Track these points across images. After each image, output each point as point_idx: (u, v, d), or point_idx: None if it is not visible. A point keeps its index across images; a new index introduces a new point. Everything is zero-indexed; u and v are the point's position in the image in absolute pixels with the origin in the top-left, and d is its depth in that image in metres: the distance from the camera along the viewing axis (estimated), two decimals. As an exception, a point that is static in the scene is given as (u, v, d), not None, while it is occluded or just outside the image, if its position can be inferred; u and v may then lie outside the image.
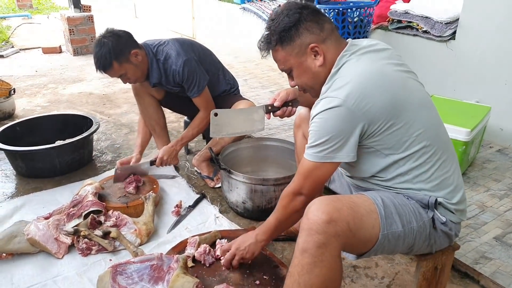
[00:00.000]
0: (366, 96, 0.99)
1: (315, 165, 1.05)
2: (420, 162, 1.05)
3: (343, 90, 1.00)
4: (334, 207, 0.94)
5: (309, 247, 0.92)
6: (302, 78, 1.13)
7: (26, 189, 1.99)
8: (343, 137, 1.01)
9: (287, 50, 1.10)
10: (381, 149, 1.05)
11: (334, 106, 0.99)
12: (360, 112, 0.99)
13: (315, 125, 1.04)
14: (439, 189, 1.07)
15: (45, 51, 4.80)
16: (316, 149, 1.04)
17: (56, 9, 8.52)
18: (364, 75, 1.01)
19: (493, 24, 2.35)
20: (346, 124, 1.00)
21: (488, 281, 1.38)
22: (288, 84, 1.29)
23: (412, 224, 1.03)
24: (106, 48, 1.74)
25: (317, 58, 1.09)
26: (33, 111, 3.02)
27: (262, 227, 1.24)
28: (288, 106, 1.32)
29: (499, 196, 1.90)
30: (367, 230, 0.97)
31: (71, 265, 1.47)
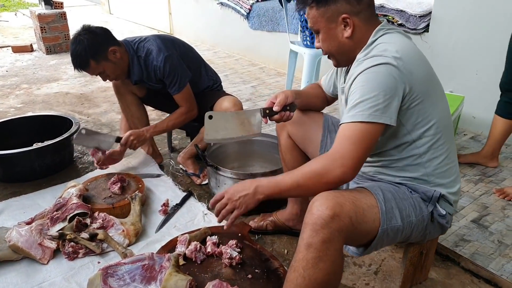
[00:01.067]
0: (410, 60, 1.00)
1: (361, 126, 0.97)
2: (435, 146, 1.07)
3: (389, 51, 1.00)
4: (337, 202, 0.94)
5: (314, 241, 0.92)
6: (326, 43, 1.13)
7: (4, 194, 1.92)
8: (390, 96, 0.97)
9: (320, 11, 1.08)
10: (406, 123, 1.04)
11: (383, 62, 0.98)
12: (406, 75, 0.99)
13: (360, 81, 1.00)
14: (444, 176, 1.10)
15: (15, 50, 4.60)
16: (360, 107, 0.98)
17: (24, 5, 8.17)
18: (407, 46, 1.03)
19: (465, 16, 2.44)
20: (394, 82, 0.97)
21: (468, 262, 1.46)
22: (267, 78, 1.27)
23: (411, 217, 1.05)
24: (82, 46, 1.69)
25: (346, 29, 1.08)
26: (6, 113, 2.90)
27: (268, 181, 1.07)
28: (286, 110, 1.27)
29: (474, 181, 1.99)
30: (368, 224, 0.99)
31: (58, 270, 1.43)
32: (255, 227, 1.62)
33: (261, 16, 3.94)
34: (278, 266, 1.35)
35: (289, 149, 1.46)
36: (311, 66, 2.66)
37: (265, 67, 4.03)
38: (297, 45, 2.81)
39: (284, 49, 3.31)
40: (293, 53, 2.94)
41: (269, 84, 3.52)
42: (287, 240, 1.61)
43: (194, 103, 1.93)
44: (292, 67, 3.00)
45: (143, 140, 1.90)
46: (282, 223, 1.61)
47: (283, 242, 1.60)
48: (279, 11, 3.72)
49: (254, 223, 1.63)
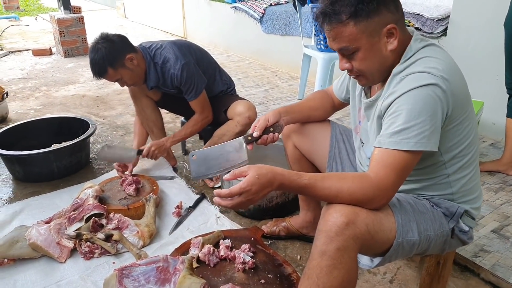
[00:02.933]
0: (454, 81, 0.92)
1: (408, 155, 0.90)
2: (465, 166, 1.02)
3: (437, 70, 0.91)
4: (352, 209, 0.91)
5: (328, 249, 0.89)
6: (366, 62, 0.98)
7: (24, 193, 1.97)
8: (436, 121, 0.90)
9: (361, 27, 0.93)
10: (441, 145, 0.96)
11: (431, 83, 0.89)
12: (451, 95, 0.91)
13: (404, 103, 0.90)
14: (469, 193, 1.06)
15: (35, 53, 4.73)
16: (406, 133, 0.90)
17: (43, 10, 8.39)
18: (450, 62, 0.95)
19: (483, 19, 2.39)
20: (439, 106, 0.89)
21: (488, 273, 1.42)
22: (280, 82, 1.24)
23: (429, 232, 1.01)
24: (100, 54, 1.73)
25: (390, 41, 0.96)
26: (27, 115, 2.98)
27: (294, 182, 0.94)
28: (269, 132, 1.23)
29: (495, 189, 1.94)
30: (384, 233, 0.95)
31: (74, 269, 1.46)
32: (268, 232, 1.61)
33: (275, 20, 3.95)
34: (291, 272, 1.34)
35: (296, 159, 1.44)
36: (325, 70, 2.65)
37: (278, 71, 4.04)
38: (310, 49, 2.80)
39: (297, 53, 3.30)
40: (306, 57, 2.93)
41: (281, 88, 3.52)
42: (300, 246, 1.60)
43: (209, 109, 1.96)
44: (305, 71, 3.00)
45: (163, 150, 1.96)
46: (296, 230, 1.60)
47: (296, 247, 1.59)
48: (292, 15, 3.73)
49: (267, 228, 1.62)
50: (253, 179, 0.92)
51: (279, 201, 1.73)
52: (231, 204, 0.95)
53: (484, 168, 2.08)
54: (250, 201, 0.95)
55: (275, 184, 0.94)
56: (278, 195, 1.71)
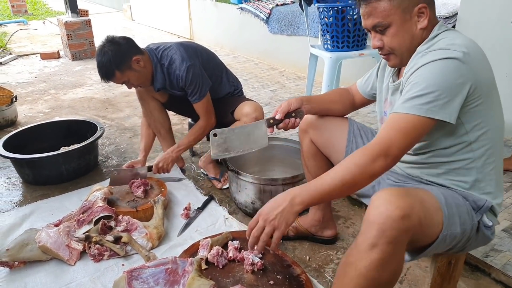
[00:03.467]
0: (477, 58, 0.95)
1: (416, 119, 0.93)
2: (490, 152, 1.02)
3: (459, 46, 0.94)
4: (407, 201, 0.88)
5: (380, 242, 0.86)
6: (397, 38, 1.03)
7: (34, 196, 1.99)
8: (454, 93, 0.92)
9: (395, 3, 0.99)
10: (465, 123, 0.98)
11: (452, 57, 0.92)
12: (474, 71, 0.93)
13: (423, 73, 0.94)
14: (493, 185, 1.05)
15: (43, 56, 4.79)
16: (420, 100, 0.92)
17: (51, 14, 8.49)
18: (472, 42, 0.97)
19: (492, 17, 2.36)
20: (460, 79, 0.92)
21: (499, 273, 1.40)
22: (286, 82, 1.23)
23: (466, 225, 1.00)
24: (106, 58, 1.74)
25: (421, 20, 1.01)
26: (35, 118, 3.02)
27: (304, 188, 0.98)
28: (291, 117, 1.26)
29: (505, 188, 1.91)
30: (433, 228, 0.95)
31: (84, 271, 1.47)
32: (276, 233, 1.60)
33: (281, 20, 3.94)
34: (300, 273, 1.34)
35: (312, 155, 1.43)
36: (332, 70, 2.63)
37: (285, 71, 4.03)
38: (317, 48, 2.79)
39: (304, 53, 3.29)
40: (313, 57, 2.92)
41: (288, 88, 3.52)
42: (309, 247, 1.59)
43: (212, 113, 1.95)
44: (312, 71, 2.98)
45: (171, 162, 1.96)
46: (305, 229, 1.59)
47: (305, 248, 1.59)
48: (298, 15, 3.72)
49: (276, 229, 1.61)
50: (265, 205, 1.00)
51: (287, 202, 1.72)
52: (256, 235, 0.98)
53: None
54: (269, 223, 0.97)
55: (287, 199, 0.97)
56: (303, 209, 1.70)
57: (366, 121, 2.67)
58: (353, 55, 2.61)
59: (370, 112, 2.81)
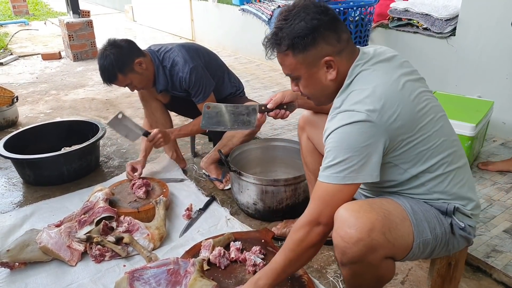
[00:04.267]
0: (387, 110, 0.93)
1: (335, 188, 0.95)
2: (437, 173, 1.02)
3: (363, 103, 0.93)
4: (368, 220, 0.91)
5: (345, 262, 0.94)
6: (308, 89, 1.07)
7: (35, 197, 1.99)
8: (366, 155, 0.93)
9: (299, 58, 1.01)
10: (400, 164, 1.00)
11: (356, 120, 0.92)
12: (383, 127, 0.93)
13: (332, 141, 0.96)
14: (456, 198, 1.05)
15: (44, 57, 4.79)
16: (335, 169, 0.95)
17: (52, 14, 8.51)
18: (383, 88, 0.95)
19: (492, 19, 2.36)
20: (369, 139, 0.92)
21: (500, 274, 1.40)
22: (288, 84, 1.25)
23: (436, 230, 1.01)
24: (109, 61, 1.74)
25: (330, 72, 1.02)
26: (36, 118, 3.02)
27: (265, 270, 1.07)
28: (283, 108, 1.30)
29: (506, 189, 1.91)
30: (403, 238, 0.96)
31: (85, 272, 1.47)
32: (278, 234, 1.61)
33: (282, 22, 3.94)
34: (302, 274, 1.34)
35: (309, 151, 1.47)
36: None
37: (286, 72, 4.03)
38: (318, 50, 2.80)
39: (305, 54, 3.30)
40: (314, 58, 2.93)
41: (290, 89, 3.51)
42: (311, 248, 1.59)
43: None
44: (313, 72, 2.99)
45: (167, 140, 1.94)
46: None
47: (306, 249, 1.58)
48: (300, 16, 3.72)
49: (277, 230, 1.62)
50: None
51: (289, 202, 1.72)
52: None
53: (495, 168, 2.06)
54: None
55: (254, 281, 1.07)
56: (288, 196, 1.70)
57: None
58: (354, 57, 2.61)
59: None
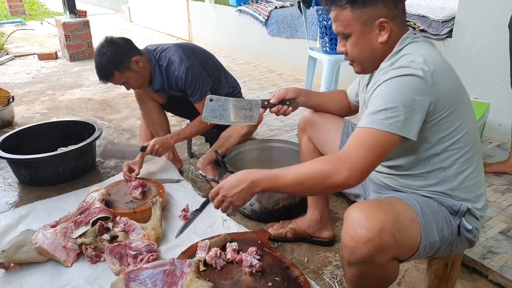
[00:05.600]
0: (438, 74, 0.95)
1: (379, 133, 0.92)
2: (462, 160, 1.02)
3: (417, 63, 0.95)
4: (378, 220, 0.91)
5: (353, 262, 0.94)
6: (356, 48, 1.05)
7: (30, 197, 1.98)
8: (412, 109, 0.92)
9: (356, 14, 1.01)
10: (430, 137, 1.00)
11: (412, 74, 0.93)
12: (434, 88, 0.94)
13: (384, 89, 0.96)
14: (470, 191, 1.06)
15: (41, 57, 4.77)
16: (381, 115, 0.93)
17: (49, 14, 8.47)
18: (434, 58, 0.98)
19: (489, 21, 2.38)
20: (419, 95, 0.93)
21: (496, 275, 1.40)
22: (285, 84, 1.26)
23: (444, 231, 1.01)
24: (105, 58, 1.73)
25: (382, 34, 1.02)
26: (32, 118, 3.00)
27: (265, 174, 1.01)
28: (285, 104, 1.30)
29: (502, 191, 1.92)
30: (411, 240, 0.96)
31: (81, 273, 1.46)
32: (274, 235, 1.61)
33: (280, 23, 3.95)
34: (298, 275, 1.34)
35: (309, 152, 1.46)
36: (331, 72, 2.64)
37: (283, 73, 4.04)
38: (316, 51, 2.80)
39: (302, 56, 3.30)
40: (312, 59, 2.93)
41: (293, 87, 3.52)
42: (307, 248, 1.59)
43: None
44: (310, 73, 2.99)
45: (167, 147, 1.94)
46: (302, 230, 1.59)
47: (303, 250, 1.58)
48: (297, 17, 3.73)
49: (274, 231, 1.62)
50: (227, 178, 1.06)
51: (285, 203, 1.72)
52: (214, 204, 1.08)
53: (491, 170, 2.06)
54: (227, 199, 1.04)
55: (248, 181, 1.01)
56: (285, 197, 1.70)
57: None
58: (351, 58, 2.62)
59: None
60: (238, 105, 1.28)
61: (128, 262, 1.44)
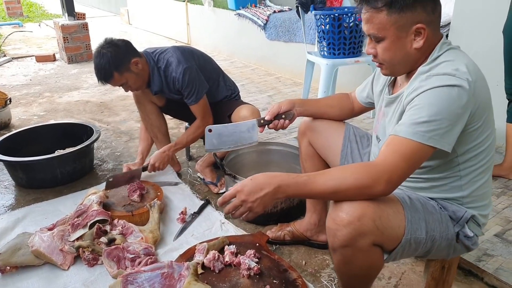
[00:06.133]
0: (478, 84, 0.94)
1: (418, 146, 0.91)
2: (479, 171, 1.02)
3: (462, 73, 0.92)
4: (358, 206, 0.92)
5: (336, 246, 0.96)
6: (389, 53, 1.01)
7: (27, 200, 1.97)
8: (454, 122, 0.91)
9: (392, 18, 0.96)
10: (457, 147, 0.98)
11: (457, 84, 0.91)
12: (475, 98, 0.93)
13: (428, 97, 0.92)
14: (479, 200, 1.06)
15: (38, 59, 4.76)
16: (424, 126, 0.91)
17: (47, 16, 8.47)
18: (474, 67, 0.96)
19: (484, 27, 2.41)
20: (463, 108, 0.91)
21: (491, 277, 1.41)
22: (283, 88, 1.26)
23: (434, 232, 1.02)
24: (105, 59, 1.74)
25: (417, 40, 0.98)
26: (30, 121, 2.99)
27: (292, 179, 0.95)
28: (281, 118, 1.31)
29: (497, 194, 1.94)
30: (393, 230, 0.96)
31: (78, 276, 1.46)
32: (272, 237, 1.61)
33: (278, 27, 3.98)
34: (296, 277, 1.34)
35: (309, 156, 1.46)
36: (328, 76, 2.66)
37: (281, 77, 4.06)
38: (314, 55, 2.82)
39: (300, 59, 3.32)
40: (310, 63, 2.95)
41: (285, 93, 3.54)
42: (305, 251, 1.59)
43: (209, 115, 1.96)
44: (308, 77, 3.01)
45: (167, 161, 1.97)
46: (300, 233, 1.60)
47: (301, 253, 1.59)
48: (296, 21, 3.75)
49: (272, 233, 1.62)
50: (246, 181, 0.96)
51: (283, 206, 1.73)
52: (228, 209, 0.97)
53: None
54: (246, 204, 0.95)
55: (273, 185, 0.94)
56: (283, 200, 1.71)
57: (362, 126, 2.69)
58: (349, 62, 2.64)
59: (366, 118, 2.84)
60: (237, 129, 1.32)
61: (126, 265, 1.44)
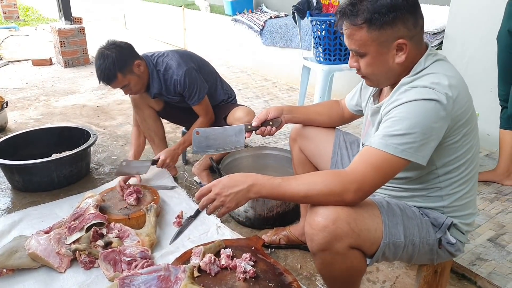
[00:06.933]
0: (459, 101, 0.93)
1: (391, 158, 0.92)
2: (460, 182, 1.03)
3: (442, 86, 0.92)
4: (333, 210, 0.93)
5: (315, 250, 0.98)
6: (372, 68, 1.01)
7: (23, 203, 1.97)
8: (429, 136, 0.91)
9: (373, 35, 0.95)
10: (436, 159, 0.99)
11: (436, 99, 0.90)
12: (453, 113, 0.93)
13: (404, 111, 0.92)
14: (461, 210, 1.06)
15: (35, 63, 4.76)
16: (397, 139, 0.91)
17: (43, 20, 8.47)
18: (458, 81, 0.95)
19: (478, 34, 2.45)
20: (439, 122, 0.91)
21: (485, 282, 1.43)
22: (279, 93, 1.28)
23: (414, 237, 1.02)
24: (110, 60, 1.75)
25: (399, 55, 0.97)
26: (26, 124, 2.99)
27: (266, 180, 0.99)
28: (268, 125, 1.32)
29: (490, 199, 1.97)
30: (370, 232, 0.97)
31: (74, 279, 1.46)
32: (268, 241, 1.62)
33: (274, 33, 4.01)
34: (292, 281, 1.35)
35: (301, 163, 1.47)
36: (324, 81, 2.69)
37: (278, 82, 4.09)
38: (310, 61, 2.85)
39: (296, 65, 3.36)
40: (306, 69, 2.98)
41: (281, 99, 3.56)
42: (300, 255, 1.61)
43: (211, 111, 2.02)
44: (304, 82, 3.04)
45: (176, 158, 2.00)
46: (296, 238, 1.61)
47: (296, 256, 1.60)
48: (292, 27, 3.79)
49: (268, 237, 1.63)
50: (223, 178, 1.01)
51: (279, 210, 1.74)
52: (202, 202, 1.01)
53: (480, 178, 2.11)
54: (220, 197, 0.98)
55: (247, 183, 0.98)
56: (279, 204, 1.72)
57: (357, 132, 2.72)
58: (344, 68, 2.68)
59: (361, 123, 2.86)
60: (224, 133, 1.34)
61: (122, 268, 1.44)
